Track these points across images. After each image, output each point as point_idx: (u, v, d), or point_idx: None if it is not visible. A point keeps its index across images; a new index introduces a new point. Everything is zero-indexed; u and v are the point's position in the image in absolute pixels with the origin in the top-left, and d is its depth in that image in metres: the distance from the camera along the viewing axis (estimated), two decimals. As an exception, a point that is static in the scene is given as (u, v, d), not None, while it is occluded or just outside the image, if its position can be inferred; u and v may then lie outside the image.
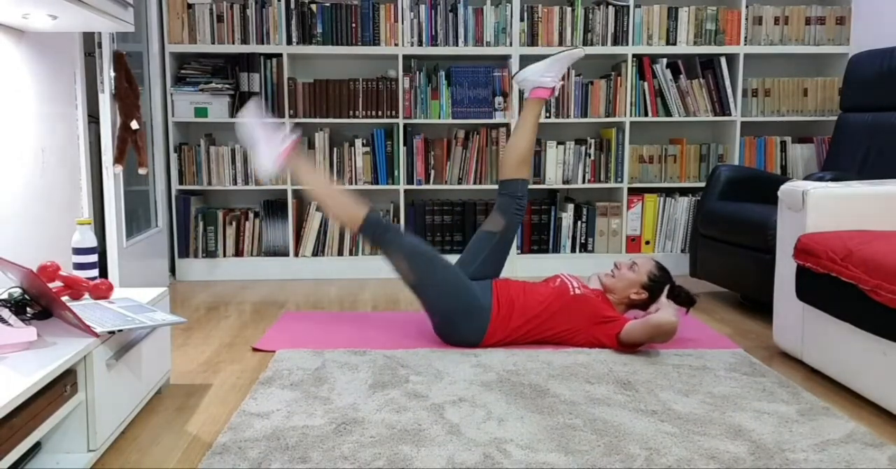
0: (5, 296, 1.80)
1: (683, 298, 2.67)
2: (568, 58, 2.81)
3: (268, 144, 2.68)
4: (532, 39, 3.79)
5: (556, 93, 2.81)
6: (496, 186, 3.82)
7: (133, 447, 1.79)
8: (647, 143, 4.02)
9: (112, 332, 1.67)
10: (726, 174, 3.45)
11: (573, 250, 3.96)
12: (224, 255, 3.88)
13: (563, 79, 2.81)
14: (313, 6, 3.73)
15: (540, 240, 3.95)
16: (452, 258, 2.69)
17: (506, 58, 3.84)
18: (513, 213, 2.76)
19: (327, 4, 3.74)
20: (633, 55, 3.82)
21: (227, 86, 3.73)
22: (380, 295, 3.50)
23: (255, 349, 2.60)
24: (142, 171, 3.17)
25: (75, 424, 1.63)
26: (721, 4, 3.95)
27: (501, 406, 2.01)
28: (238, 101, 3.77)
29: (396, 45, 3.76)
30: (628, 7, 3.78)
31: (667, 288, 2.63)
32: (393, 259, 2.61)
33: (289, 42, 3.74)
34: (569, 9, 3.78)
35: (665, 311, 2.47)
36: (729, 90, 3.84)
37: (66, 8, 1.94)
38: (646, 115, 3.86)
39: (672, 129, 4.12)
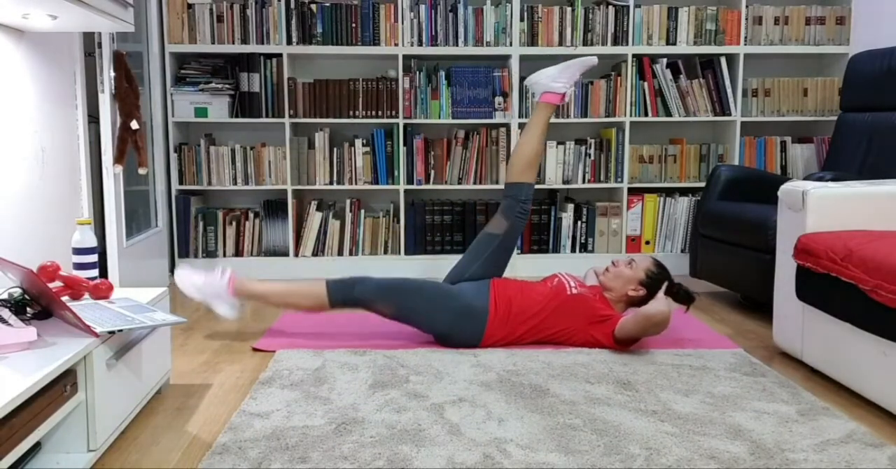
0: (5, 296, 1.80)
1: (682, 296, 2.67)
2: (580, 65, 2.83)
3: (215, 291, 2.66)
4: (532, 39, 3.79)
5: (567, 99, 2.81)
6: (496, 186, 3.83)
7: (133, 447, 1.79)
8: (647, 143, 4.01)
9: (112, 332, 1.67)
10: (726, 174, 3.45)
11: (573, 250, 3.96)
12: (224, 255, 3.88)
13: (573, 85, 2.82)
14: (313, 6, 3.73)
15: (540, 240, 3.95)
16: (452, 258, 2.69)
17: (506, 58, 3.84)
18: (516, 215, 2.77)
19: (327, 4, 3.74)
20: (633, 55, 3.82)
21: (227, 86, 3.73)
22: (380, 295, 3.49)
23: (255, 349, 2.60)
24: (142, 171, 3.17)
25: (75, 424, 1.63)
26: (721, 4, 3.95)
27: (501, 406, 2.01)
28: (238, 101, 3.77)
29: (396, 45, 3.76)
30: (628, 7, 3.78)
31: (664, 285, 2.63)
32: (375, 307, 2.61)
33: (289, 42, 3.74)
34: (569, 9, 3.78)
35: (656, 302, 2.47)
36: (729, 90, 3.84)
37: (66, 8, 1.94)
38: (646, 115, 3.86)
39: (672, 129, 4.12)
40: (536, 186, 3.90)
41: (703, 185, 3.82)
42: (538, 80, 2.85)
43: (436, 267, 3.83)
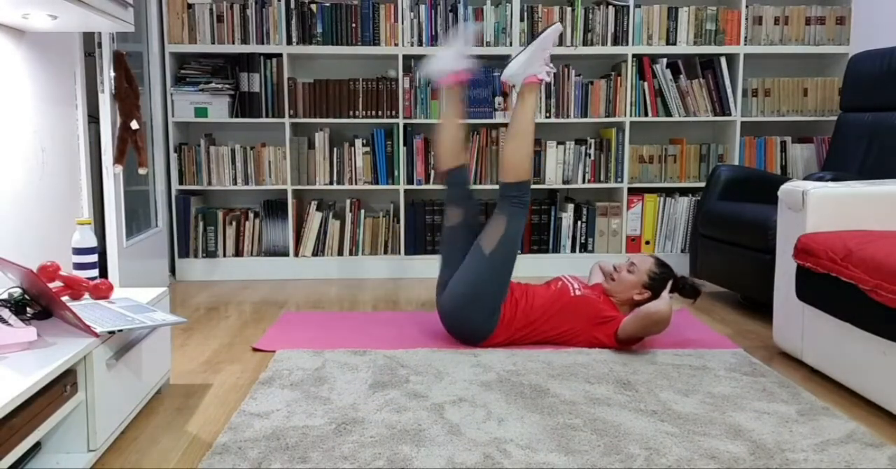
0: (5, 296, 1.80)
1: (689, 290, 2.66)
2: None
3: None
4: (532, 39, 3.78)
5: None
6: (497, 186, 3.83)
7: (133, 447, 1.79)
8: (647, 143, 4.01)
9: (112, 332, 1.67)
10: (726, 174, 3.45)
11: (573, 250, 3.96)
12: (224, 255, 3.88)
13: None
14: (313, 6, 3.73)
15: (540, 240, 3.95)
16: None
17: (506, 58, 3.84)
18: (468, 200, 2.73)
19: (327, 4, 3.74)
20: (633, 55, 3.82)
21: (227, 86, 3.73)
22: (380, 295, 3.50)
23: (255, 349, 2.60)
24: (142, 171, 3.17)
25: (75, 424, 1.63)
26: (721, 4, 3.95)
27: (501, 406, 2.01)
28: (238, 101, 3.77)
29: (396, 45, 3.76)
30: (628, 7, 3.78)
31: (670, 283, 2.62)
32: (501, 221, 2.60)
33: (289, 42, 3.74)
34: (569, 9, 3.78)
35: (658, 301, 2.46)
36: (729, 90, 3.84)
37: (66, 8, 1.94)
38: (646, 115, 3.86)
39: (672, 129, 4.12)
40: (536, 186, 3.92)
41: (703, 185, 3.82)
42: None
43: (436, 267, 3.83)
